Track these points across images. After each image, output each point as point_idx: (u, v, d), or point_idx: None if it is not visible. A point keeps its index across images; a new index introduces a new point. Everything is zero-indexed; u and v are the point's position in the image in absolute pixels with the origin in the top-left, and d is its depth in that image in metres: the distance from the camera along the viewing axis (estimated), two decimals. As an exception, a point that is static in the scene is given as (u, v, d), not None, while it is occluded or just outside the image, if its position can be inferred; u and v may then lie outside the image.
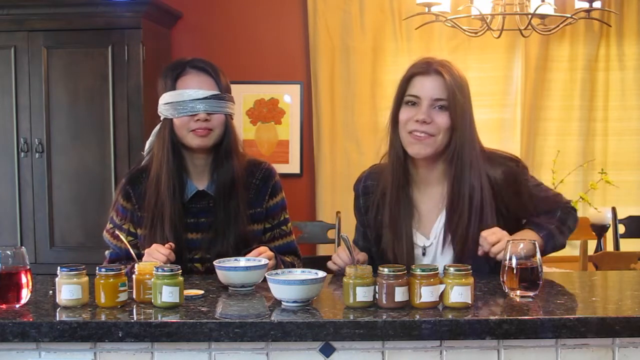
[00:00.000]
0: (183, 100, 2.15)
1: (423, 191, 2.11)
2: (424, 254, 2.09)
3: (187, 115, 2.15)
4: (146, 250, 2.08)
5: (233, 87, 2.35)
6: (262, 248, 2.11)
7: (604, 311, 1.66)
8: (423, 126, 1.99)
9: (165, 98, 2.19)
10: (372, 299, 1.64)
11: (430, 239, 2.09)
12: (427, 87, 1.99)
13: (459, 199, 2.02)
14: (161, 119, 2.24)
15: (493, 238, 1.95)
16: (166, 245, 2.08)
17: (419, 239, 2.10)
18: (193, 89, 2.16)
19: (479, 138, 2.08)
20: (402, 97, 2.04)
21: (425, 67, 2.01)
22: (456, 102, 1.98)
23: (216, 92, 2.18)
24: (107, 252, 2.29)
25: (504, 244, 1.87)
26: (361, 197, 2.21)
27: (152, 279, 1.68)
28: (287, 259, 2.29)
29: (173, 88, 2.18)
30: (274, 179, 2.32)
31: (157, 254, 2.03)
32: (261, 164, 2.33)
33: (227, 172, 2.21)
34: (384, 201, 2.11)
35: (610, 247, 4.00)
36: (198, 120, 2.15)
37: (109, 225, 2.28)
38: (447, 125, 1.99)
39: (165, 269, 1.68)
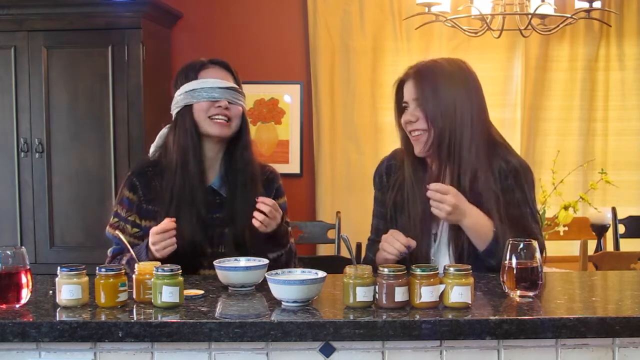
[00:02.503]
0: (204, 87, 2.23)
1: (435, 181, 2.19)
2: (434, 240, 2.16)
3: (208, 100, 2.22)
4: (150, 242, 2.09)
5: (233, 86, 2.37)
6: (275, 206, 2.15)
7: (604, 311, 1.66)
8: (412, 125, 2.13)
9: (185, 87, 2.25)
10: (372, 299, 1.64)
11: (439, 226, 2.16)
12: (407, 91, 2.15)
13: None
14: (174, 114, 2.28)
15: (439, 187, 2.02)
16: (167, 221, 2.10)
17: (432, 227, 2.17)
18: (215, 79, 2.25)
19: (486, 129, 2.14)
20: (399, 103, 2.19)
21: (405, 74, 2.17)
22: (425, 100, 2.09)
23: (235, 85, 2.27)
24: (109, 250, 2.29)
25: (442, 199, 2.00)
26: (384, 175, 2.28)
27: (152, 279, 1.68)
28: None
29: (195, 78, 2.26)
30: (277, 181, 2.39)
31: (156, 237, 2.06)
32: (265, 167, 2.40)
33: (248, 163, 2.28)
34: (404, 185, 2.20)
35: (610, 247, 4.00)
36: (219, 106, 2.22)
37: (113, 220, 2.29)
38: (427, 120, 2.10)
39: (165, 269, 1.68)
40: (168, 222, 2.09)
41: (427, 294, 1.62)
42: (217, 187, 2.28)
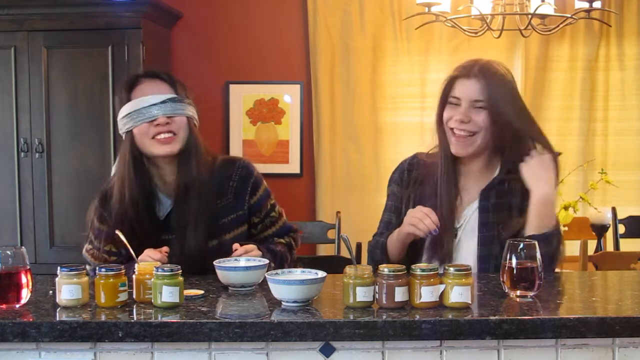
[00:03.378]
0: (140, 107, 2.08)
1: (464, 179, 2.21)
2: (455, 236, 2.16)
3: (146, 121, 2.08)
4: (140, 258, 2.04)
5: (233, 87, 2.36)
6: (250, 246, 2.09)
7: (604, 311, 1.66)
8: (462, 125, 2.11)
9: (122, 112, 2.12)
10: (372, 299, 1.64)
11: (461, 221, 2.17)
12: (466, 90, 2.12)
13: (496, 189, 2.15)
14: (122, 137, 2.17)
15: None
16: (162, 249, 2.06)
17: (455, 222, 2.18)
18: (149, 95, 2.10)
19: (537, 134, 2.18)
20: (445, 98, 2.17)
21: (466, 71, 2.14)
22: (497, 102, 2.10)
23: (173, 95, 2.12)
24: (88, 268, 2.23)
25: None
26: (406, 172, 2.28)
27: (152, 279, 1.68)
28: (280, 241, 2.28)
29: (128, 99, 2.12)
30: (252, 176, 2.26)
31: (148, 260, 2.00)
32: (236, 162, 2.27)
33: (186, 175, 2.13)
34: (426, 183, 2.20)
35: (610, 247, 4.00)
36: (158, 125, 2.08)
37: (88, 246, 2.24)
38: (486, 123, 2.10)
39: (165, 269, 1.68)
40: (162, 256, 2.03)
41: (427, 294, 1.62)
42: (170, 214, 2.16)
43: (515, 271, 1.71)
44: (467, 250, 2.13)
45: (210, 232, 2.17)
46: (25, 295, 1.69)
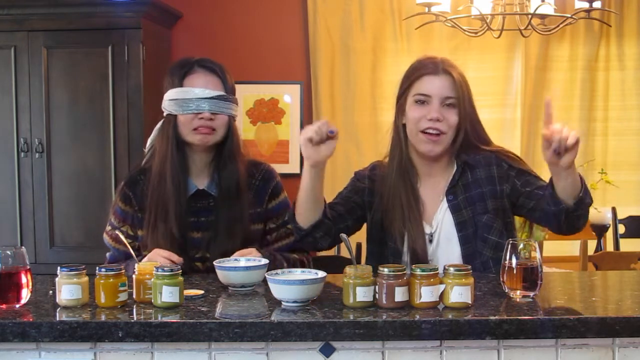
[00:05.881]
0: (189, 98, 2.17)
1: (425, 183, 2.17)
2: (430, 241, 2.13)
3: (192, 113, 2.16)
4: (148, 256, 2.06)
5: (232, 87, 2.36)
6: (247, 250, 2.10)
7: (604, 311, 1.66)
8: (436, 124, 2.06)
9: (170, 94, 2.20)
10: (372, 299, 1.64)
11: (434, 227, 2.13)
12: (437, 86, 2.07)
13: (463, 187, 2.12)
14: (164, 115, 2.24)
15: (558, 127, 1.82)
16: (174, 258, 2.06)
17: (425, 227, 2.14)
18: (200, 88, 2.18)
19: (485, 131, 2.18)
20: (407, 94, 2.12)
21: (433, 67, 2.09)
22: (464, 100, 2.08)
23: (222, 92, 2.20)
24: (107, 254, 2.30)
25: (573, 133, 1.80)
26: (367, 179, 2.22)
27: (152, 279, 1.68)
28: (295, 256, 2.28)
29: (180, 85, 2.20)
30: (274, 179, 2.32)
31: (160, 259, 2.02)
32: (260, 165, 2.33)
33: (232, 173, 2.21)
34: (389, 193, 2.15)
35: (610, 247, 4.00)
36: (202, 118, 2.16)
37: (108, 228, 2.29)
38: (456, 122, 2.08)
39: (165, 269, 1.68)
40: (173, 256, 2.06)
41: (427, 294, 1.62)
42: (208, 189, 2.24)
43: (515, 271, 1.71)
44: (448, 252, 2.10)
45: None
46: (25, 295, 1.69)
